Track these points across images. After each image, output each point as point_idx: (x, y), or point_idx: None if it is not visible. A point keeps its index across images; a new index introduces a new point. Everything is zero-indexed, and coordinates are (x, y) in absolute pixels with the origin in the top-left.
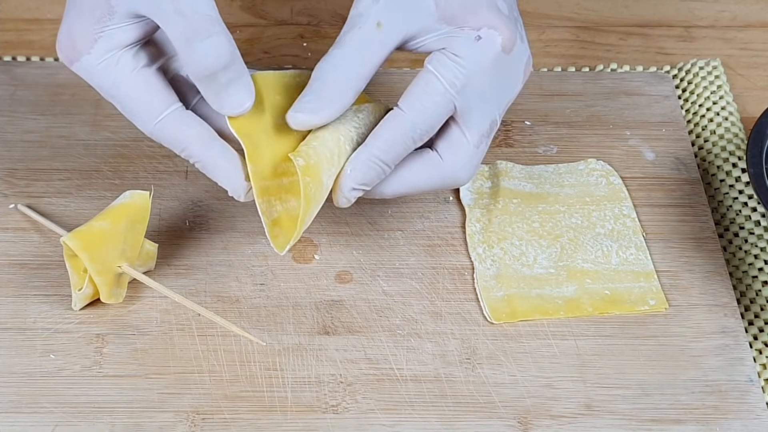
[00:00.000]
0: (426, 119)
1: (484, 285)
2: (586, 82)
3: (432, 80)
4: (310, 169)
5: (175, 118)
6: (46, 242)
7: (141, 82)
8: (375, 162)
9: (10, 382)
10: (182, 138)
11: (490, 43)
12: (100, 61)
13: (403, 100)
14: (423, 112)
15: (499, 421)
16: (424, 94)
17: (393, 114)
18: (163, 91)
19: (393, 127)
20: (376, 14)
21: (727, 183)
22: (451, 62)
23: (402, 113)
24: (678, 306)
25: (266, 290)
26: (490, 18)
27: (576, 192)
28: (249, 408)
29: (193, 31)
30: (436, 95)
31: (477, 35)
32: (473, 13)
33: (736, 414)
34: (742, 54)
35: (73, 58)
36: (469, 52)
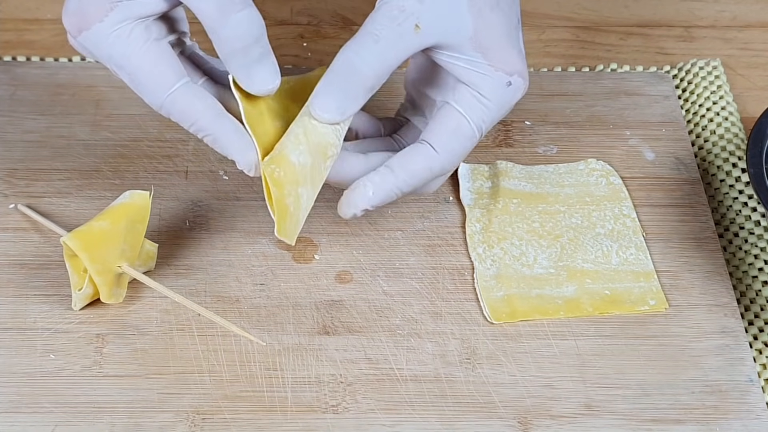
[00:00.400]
0: (456, 162)
1: (484, 285)
2: (586, 82)
3: (463, 124)
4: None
5: (186, 91)
6: (46, 242)
7: (153, 54)
8: (396, 192)
9: (10, 382)
10: (194, 110)
11: (517, 91)
12: (112, 30)
13: (435, 139)
14: (455, 155)
15: (499, 421)
16: (455, 138)
17: (425, 151)
18: (174, 64)
19: (425, 165)
20: (418, 15)
21: (727, 183)
22: (480, 104)
23: (435, 154)
24: (678, 306)
25: (266, 290)
26: (520, 65)
27: (576, 192)
28: (249, 408)
29: (229, 3)
30: (466, 140)
31: (509, 81)
32: (507, 54)
33: (736, 414)
34: (742, 54)
35: (82, 27)
36: (498, 96)
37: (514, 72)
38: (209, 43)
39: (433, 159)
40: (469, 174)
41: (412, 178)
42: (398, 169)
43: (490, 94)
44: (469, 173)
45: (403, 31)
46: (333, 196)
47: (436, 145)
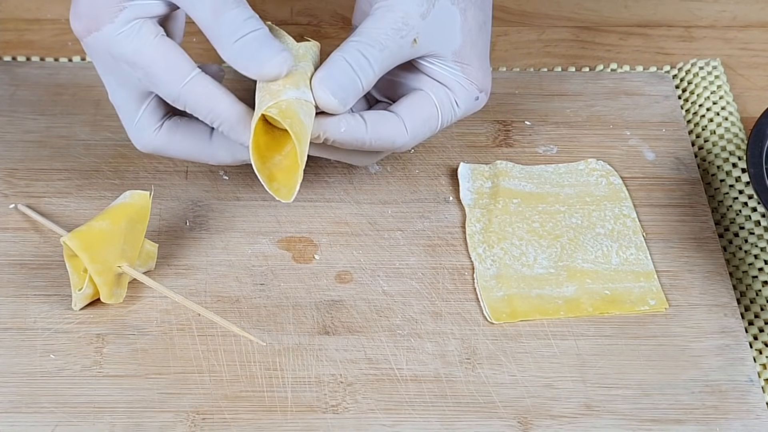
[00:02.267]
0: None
1: (484, 285)
2: (586, 82)
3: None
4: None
5: (202, 78)
6: (46, 242)
7: (164, 47)
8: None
9: (10, 382)
10: (212, 96)
11: (479, 105)
12: (122, 29)
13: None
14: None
15: (499, 421)
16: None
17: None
18: (185, 55)
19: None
20: (418, 30)
21: (727, 183)
22: (451, 107)
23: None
24: (678, 306)
25: (266, 290)
26: (488, 85)
27: (576, 192)
28: (249, 408)
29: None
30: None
31: (477, 96)
32: (481, 73)
33: (736, 414)
34: (742, 54)
35: (92, 28)
36: (466, 106)
37: (483, 89)
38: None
39: (401, 136)
40: (469, 174)
41: (377, 140)
42: (370, 125)
43: (462, 102)
44: (469, 173)
45: (405, 43)
46: (333, 196)
47: (408, 124)
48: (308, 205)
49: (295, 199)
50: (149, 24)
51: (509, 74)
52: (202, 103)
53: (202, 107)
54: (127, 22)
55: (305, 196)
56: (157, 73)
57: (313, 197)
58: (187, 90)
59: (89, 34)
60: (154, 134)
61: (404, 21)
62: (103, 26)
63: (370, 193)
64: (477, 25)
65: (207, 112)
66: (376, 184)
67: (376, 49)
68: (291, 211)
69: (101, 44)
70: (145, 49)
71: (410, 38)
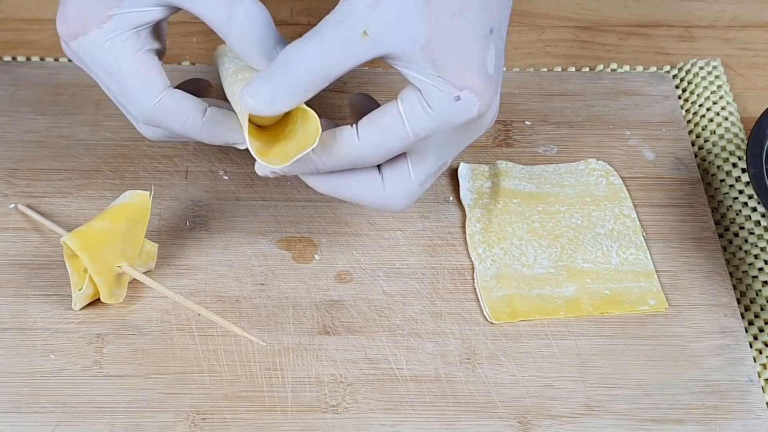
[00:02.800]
0: (377, 157)
1: (484, 285)
2: (586, 82)
3: (397, 123)
4: None
5: (172, 95)
6: (46, 242)
7: (143, 62)
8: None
9: (10, 382)
10: (183, 110)
11: (467, 108)
12: (107, 38)
13: (364, 128)
14: (377, 149)
15: (499, 421)
16: (386, 133)
17: (348, 136)
18: (161, 73)
19: (344, 149)
20: (366, 21)
21: (727, 183)
22: (423, 112)
23: (356, 141)
24: (678, 306)
25: (266, 290)
26: (474, 81)
27: (576, 192)
28: (249, 408)
29: None
30: (397, 140)
31: (457, 95)
32: (461, 68)
33: (736, 414)
34: (742, 54)
35: (79, 32)
36: (444, 109)
37: (464, 87)
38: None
39: (354, 146)
40: (469, 174)
41: (328, 157)
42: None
43: (436, 105)
44: (469, 173)
45: (350, 35)
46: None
47: (362, 133)
48: (308, 205)
49: (295, 199)
50: (133, 37)
51: (509, 74)
52: (175, 116)
53: (176, 120)
54: (113, 31)
55: (305, 196)
56: (131, 87)
57: (313, 197)
58: (159, 107)
59: (74, 39)
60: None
61: (348, 10)
62: (90, 31)
63: None
64: (448, 13)
65: (181, 125)
66: None
67: (314, 43)
68: (291, 211)
69: (84, 50)
70: (124, 62)
71: (357, 30)
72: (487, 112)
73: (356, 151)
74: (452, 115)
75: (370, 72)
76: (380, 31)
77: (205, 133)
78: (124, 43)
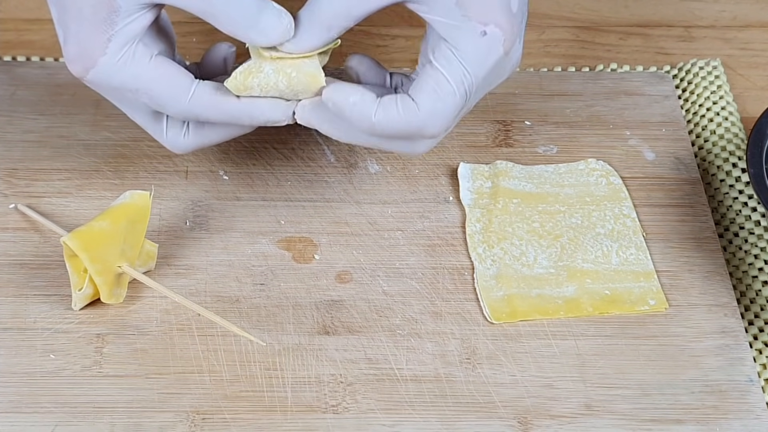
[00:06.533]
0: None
1: (484, 285)
2: (586, 82)
3: (441, 81)
4: None
5: (203, 87)
6: (46, 242)
7: (160, 66)
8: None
9: (10, 382)
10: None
11: (494, 43)
12: (117, 59)
13: (417, 96)
14: (436, 114)
15: (499, 421)
16: (436, 96)
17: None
18: (182, 69)
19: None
20: None
21: (727, 183)
22: (457, 60)
23: (416, 110)
24: (678, 306)
25: (266, 290)
26: (498, 17)
27: (576, 192)
28: (249, 408)
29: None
30: (448, 99)
31: (483, 30)
32: (485, 6)
33: (736, 414)
34: (742, 54)
35: (89, 66)
36: (474, 50)
37: (489, 21)
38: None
39: (414, 114)
40: (469, 174)
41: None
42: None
43: (465, 47)
44: (469, 173)
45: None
46: (333, 196)
47: (418, 102)
48: (308, 205)
49: (295, 199)
50: (141, 47)
51: None
52: (215, 105)
53: (215, 110)
54: (119, 50)
55: (305, 196)
56: (161, 92)
57: (313, 197)
58: (195, 100)
59: (87, 72)
60: (185, 139)
61: None
62: (98, 60)
63: (370, 193)
64: None
65: (220, 113)
66: (376, 184)
67: None
68: (291, 211)
69: (101, 78)
70: (143, 73)
71: None
72: (511, 52)
73: (417, 119)
74: (483, 53)
75: None
76: None
77: (246, 115)
78: (134, 56)
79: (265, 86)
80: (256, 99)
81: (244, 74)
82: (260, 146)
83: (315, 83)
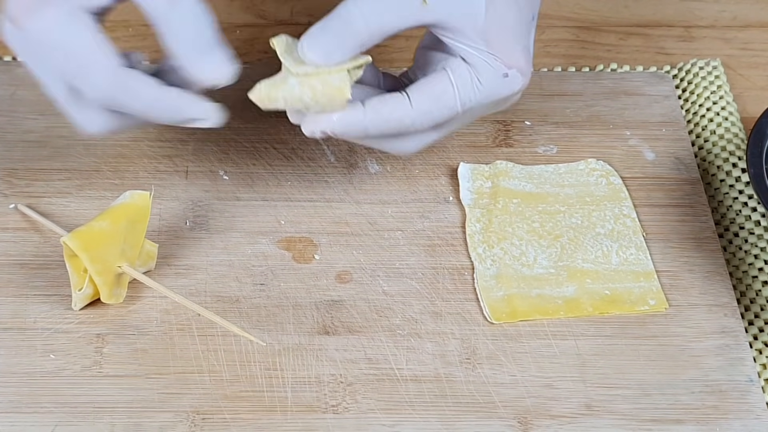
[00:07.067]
0: (427, 124)
1: (484, 285)
2: (586, 82)
3: (449, 92)
4: None
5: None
6: (46, 242)
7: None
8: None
9: (10, 382)
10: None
11: (511, 84)
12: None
13: (416, 96)
14: (428, 116)
15: (499, 421)
16: (437, 102)
17: (400, 101)
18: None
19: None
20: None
21: (727, 183)
22: (472, 84)
23: (409, 108)
24: (678, 306)
25: (266, 290)
26: (521, 60)
27: (576, 192)
28: (249, 408)
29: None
30: (446, 109)
31: (506, 73)
32: (511, 48)
33: (736, 414)
34: (742, 54)
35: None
36: (492, 84)
37: (513, 66)
38: None
39: (406, 111)
40: (469, 174)
41: (379, 120)
42: (369, 107)
43: (485, 80)
44: (469, 173)
45: (411, 1)
46: (333, 196)
47: (414, 99)
48: (308, 205)
49: (295, 199)
50: (91, 18)
51: None
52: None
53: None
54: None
55: (305, 196)
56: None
57: (313, 197)
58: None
59: (30, 17)
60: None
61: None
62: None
63: (370, 193)
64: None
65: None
66: (376, 184)
67: (375, 3)
68: (291, 211)
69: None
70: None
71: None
72: None
73: (408, 117)
74: (498, 89)
75: None
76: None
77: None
78: (81, 22)
79: (289, 98)
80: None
81: (269, 86)
82: (260, 146)
83: (340, 96)
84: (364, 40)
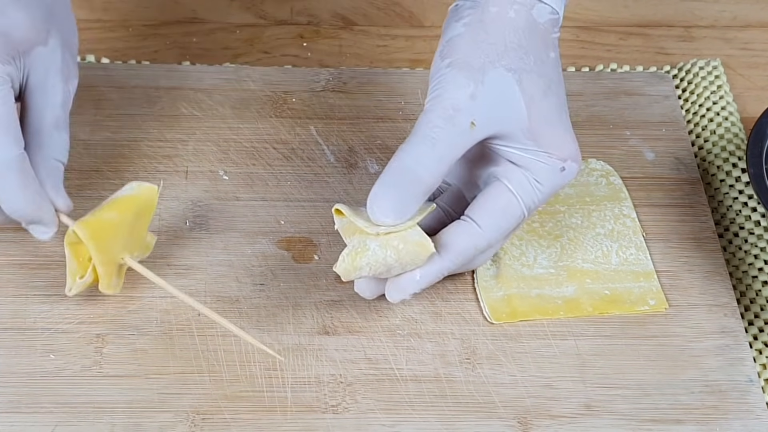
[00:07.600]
0: (500, 239)
1: (484, 285)
2: (586, 82)
3: (512, 203)
4: None
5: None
6: (46, 242)
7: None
8: (443, 272)
9: (10, 382)
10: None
11: (570, 174)
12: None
13: (482, 217)
14: (500, 232)
15: (499, 421)
16: (504, 216)
17: (470, 229)
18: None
19: (470, 243)
20: (471, 112)
21: (727, 183)
22: (532, 188)
23: (480, 231)
24: (678, 306)
25: (266, 290)
26: (573, 149)
27: (576, 192)
28: (249, 408)
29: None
30: (513, 219)
31: (563, 167)
32: (560, 140)
33: (736, 414)
34: (742, 54)
35: None
36: (551, 182)
37: (567, 157)
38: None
39: (479, 237)
40: None
41: (457, 257)
42: (443, 250)
43: (544, 179)
44: None
45: (460, 130)
46: (333, 196)
47: (481, 222)
48: (308, 205)
49: (295, 199)
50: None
51: None
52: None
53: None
54: None
55: (305, 196)
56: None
57: (313, 197)
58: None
59: None
60: None
61: (453, 107)
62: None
63: None
64: (539, 91)
65: None
66: None
67: (427, 146)
68: (291, 211)
69: None
70: None
71: (465, 123)
72: None
73: (482, 241)
74: (557, 184)
75: (369, 72)
76: (486, 116)
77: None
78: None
79: (374, 264)
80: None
81: (351, 256)
82: (260, 146)
83: (424, 252)
84: (430, 186)
